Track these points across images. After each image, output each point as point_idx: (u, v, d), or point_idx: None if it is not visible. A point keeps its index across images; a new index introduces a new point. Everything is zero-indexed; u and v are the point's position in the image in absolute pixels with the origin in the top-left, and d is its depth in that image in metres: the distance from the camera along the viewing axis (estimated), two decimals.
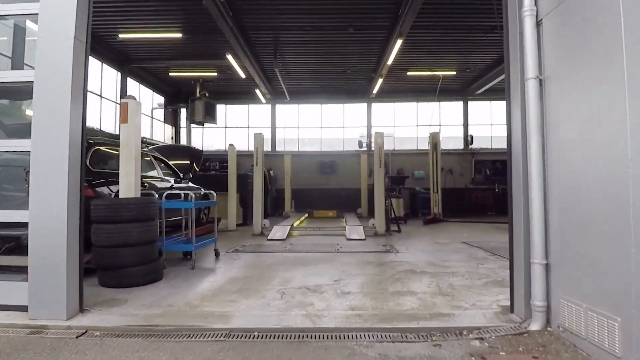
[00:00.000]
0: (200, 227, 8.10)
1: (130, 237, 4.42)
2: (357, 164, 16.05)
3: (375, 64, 12.68)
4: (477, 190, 16.22)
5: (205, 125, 15.73)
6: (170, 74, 13.93)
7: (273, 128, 16.68)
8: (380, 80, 13.53)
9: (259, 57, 12.21)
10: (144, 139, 12.62)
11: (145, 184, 6.38)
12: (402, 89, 15.92)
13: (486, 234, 9.74)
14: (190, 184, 8.92)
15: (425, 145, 15.57)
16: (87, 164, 5.11)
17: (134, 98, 5.02)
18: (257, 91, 14.48)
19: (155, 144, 12.13)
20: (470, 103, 16.73)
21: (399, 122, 16.74)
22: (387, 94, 16.02)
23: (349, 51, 11.74)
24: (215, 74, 13.70)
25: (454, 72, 13.62)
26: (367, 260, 6.12)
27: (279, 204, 14.80)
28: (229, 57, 11.18)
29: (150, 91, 15.28)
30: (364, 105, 16.71)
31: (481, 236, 9.27)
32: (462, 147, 16.58)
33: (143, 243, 4.55)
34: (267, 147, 15.08)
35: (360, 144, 16.12)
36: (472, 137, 16.18)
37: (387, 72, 12.96)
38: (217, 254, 6.38)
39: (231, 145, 10.56)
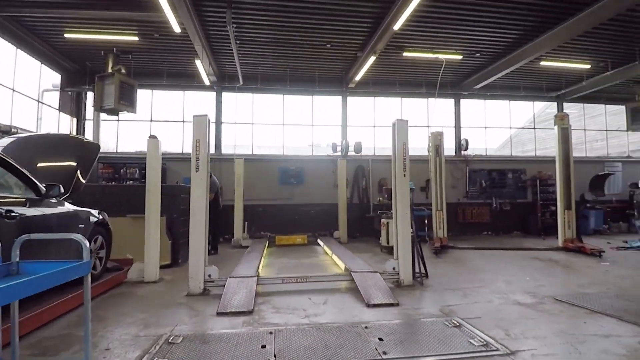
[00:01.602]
0: (94, 283, 4.04)
1: None
2: (332, 173, 12.43)
3: (367, 33, 9.21)
4: (472, 206, 13.39)
5: (122, 115, 11.15)
6: (68, 35, 9.26)
7: (218, 123, 12.43)
8: (370, 60, 10.07)
9: (203, 12, 8.17)
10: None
11: None
12: (385, 79, 12.67)
13: (540, 272, 6.78)
14: (68, 206, 4.72)
15: (412, 150, 12.40)
16: None
17: None
18: (198, 63, 10.19)
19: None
20: (462, 101, 13.95)
21: (380, 121, 13.45)
22: (367, 86, 12.67)
23: (334, 9, 8.15)
24: (136, 37, 9.33)
25: (460, 57, 10.61)
26: None
27: (226, 227, 10.64)
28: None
29: (39, 63, 10.41)
30: (339, 98, 13.16)
31: (542, 278, 6.31)
32: (453, 153, 13.72)
33: None
34: (211, 149, 10.89)
35: (334, 146, 12.53)
36: (466, 142, 13.37)
37: (380, 52, 9.60)
38: None
39: (153, 137, 6.36)
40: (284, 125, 12.84)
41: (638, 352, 3.20)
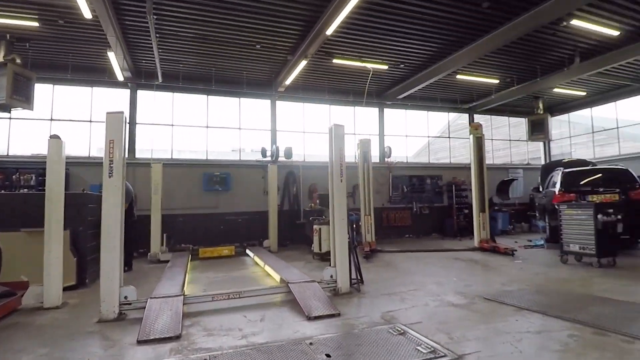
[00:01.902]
0: None
1: None
2: (262, 179, 11.99)
3: (298, 36, 9.03)
4: (395, 210, 13.91)
5: (15, 112, 9.55)
6: None
7: (133, 124, 11.22)
8: (301, 65, 9.91)
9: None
10: None
11: None
12: (315, 85, 12.63)
13: (465, 272, 7.21)
14: None
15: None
16: None
17: None
18: (112, 56, 9.05)
19: None
20: (386, 110, 14.48)
21: (309, 128, 13.36)
22: (296, 91, 12.50)
23: (265, 8, 7.83)
24: (36, 23, 8.00)
25: (386, 67, 10.97)
26: None
27: (141, 240, 9.59)
28: None
29: None
30: (268, 102, 12.78)
31: (468, 278, 6.67)
32: (378, 160, 14.14)
33: None
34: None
35: (264, 151, 12.10)
36: (390, 149, 13.90)
37: (311, 57, 9.49)
38: None
39: (55, 137, 5.39)
40: (208, 128, 12.08)
41: (570, 346, 3.37)
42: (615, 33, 8.90)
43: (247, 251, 10.01)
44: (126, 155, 4.90)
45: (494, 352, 3.32)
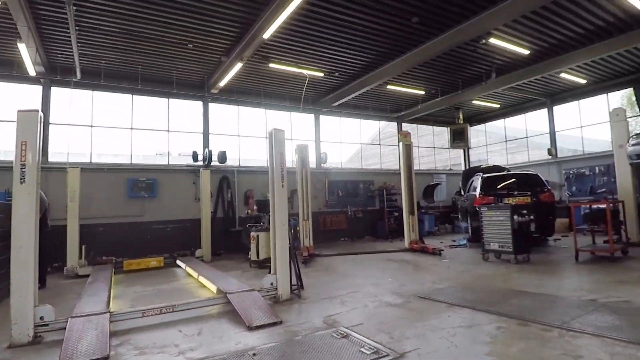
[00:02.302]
0: None
1: None
2: (193, 185, 11.44)
3: (234, 38, 8.81)
4: (332, 214, 14.14)
5: None
6: None
7: (46, 124, 10.04)
8: (236, 67, 9.67)
9: None
10: None
11: None
12: (250, 89, 12.41)
13: (398, 272, 7.53)
14: None
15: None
16: None
17: None
18: (22, 47, 7.96)
19: None
20: (322, 117, 14.70)
21: (244, 131, 13.06)
22: (231, 93, 12.18)
23: (197, 7, 7.52)
24: None
25: (322, 74, 11.15)
26: None
27: (56, 253, 8.59)
28: None
29: None
30: (199, 104, 12.25)
31: (402, 278, 6.99)
32: (314, 166, 14.28)
33: None
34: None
35: (195, 155, 11.56)
36: (326, 155, 14.12)
37: (247, 60, 9.31)
38: None
39: None
40: (133, 130, 11.25)
41: (499, 337, 3.65)
42: (526, 52, 10.02)
43: (178, 262, 9.45)
44: (40, 159, 4.35)
45: (433, 348, 3.47)
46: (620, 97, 16.58)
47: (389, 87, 12.52)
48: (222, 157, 11.70)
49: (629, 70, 12.29)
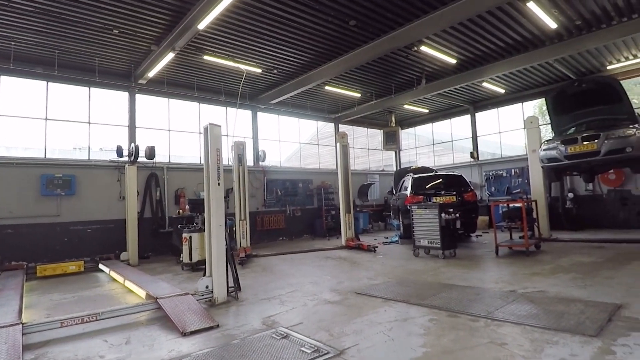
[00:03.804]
0: None
1: None
2: (117, 182, 10.59)
3: (165, 26, 8.29)
4: (270, 214, 13.97)
5: None
6: None
7: None
8: (167, 57, 9.11)
9: None
10: None
11: None
12: (183, 81, 11.80)
13: (336, 269, 7.62)
14: None
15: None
16: None
17: None
18: None
19: None
20: (260, 114, 14.45)
21: (176, 126, 12.38)
22: (161, 85, 11.47)
23: None
24: None
25: (260, 70, 10.95)
26: None
27: None
28: None
29: None
30: (125, 94, 11.36)
31: (339, 275, 7.17)
32: (252, 163, 14.02)
33: None
34: None
35: (120, 150, 10.69)
36: (264, 153, 13.92)
37: (180, 50, 8.82)
38: None
39: None
40: (48, 121, 10.09)
41: (431, 329, 3.86)
42: (454, 61, 10.75)
43: (101, 266, 8.69)
44: None
45: (371, 343, 3.56)
46: (532, 107, 18.48)
47: (327, 87, 12.70)
48: (151, 152, 10.96)
49: (541, 82, 13.69)
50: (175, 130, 12.31)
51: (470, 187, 10.36)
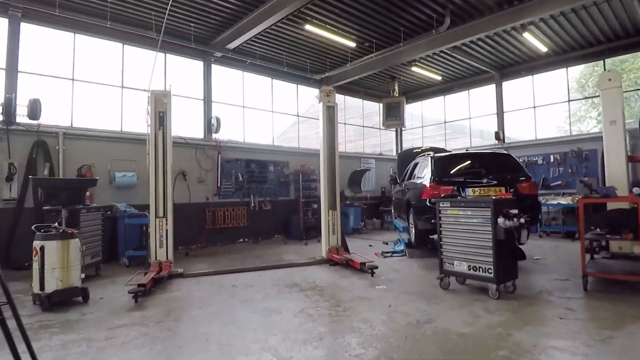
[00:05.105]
0: None
1: None
2: None
3: None
4: (226, 206, 10.15)
5: None
6: None
7: None
8: None
9: None
10: None
11: None
12: (87, 7, 7.83)
13: (299, 327, 3.52)
14: None
15: (137, 126, 8.09)
16: None
17: None
18: None
19: None
20: (215, 67, 10.50)
21: (81, 74, 8.40)
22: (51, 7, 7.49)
23: None
24: None
25: None
26: None
27: None
28: None
29: None
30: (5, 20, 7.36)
31: (300, 348, 3.26)
32: (202, 135, 10.14)
33: None
34: None
35: None
36: (218, 121, 10.04)
37: None
38: None
39: None
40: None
41: None
42: None
43: None
44: None
45: None
46: (572, 79, 14.65)
47: (308, 27, 8.81)
48: (34, 108, 7.10)
49: (599, 39, 10.12)
50: (81, 80, 8.32)
51: (526, 173, 6.56)
